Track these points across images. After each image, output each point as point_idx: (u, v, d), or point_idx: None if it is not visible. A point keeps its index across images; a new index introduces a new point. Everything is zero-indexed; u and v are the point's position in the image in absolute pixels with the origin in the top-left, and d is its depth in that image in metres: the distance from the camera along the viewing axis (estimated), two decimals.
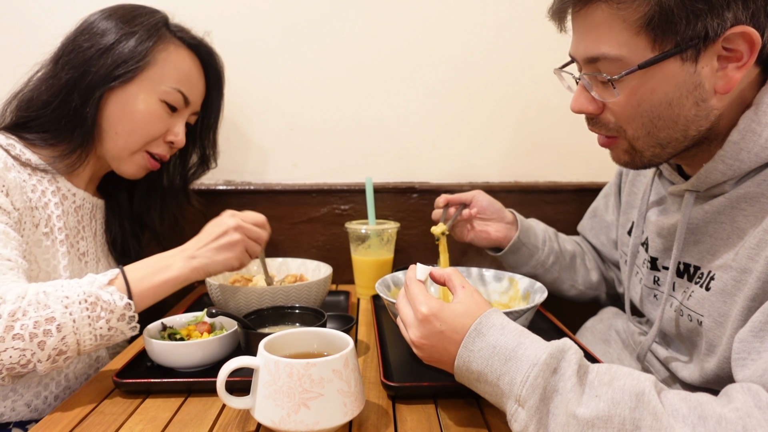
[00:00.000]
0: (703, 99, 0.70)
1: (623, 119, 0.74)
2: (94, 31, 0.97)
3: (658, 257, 0.90)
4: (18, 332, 0.72)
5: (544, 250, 1.14)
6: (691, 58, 0.67)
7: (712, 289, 0.75)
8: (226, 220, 0.92)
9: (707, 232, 0.78)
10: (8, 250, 0.82)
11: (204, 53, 1.07)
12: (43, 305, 0.74)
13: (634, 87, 0.71)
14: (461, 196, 1.11)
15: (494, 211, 1.12)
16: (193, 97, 1.05)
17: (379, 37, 1.34)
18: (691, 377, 0.82)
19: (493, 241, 1.12)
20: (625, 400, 0.55)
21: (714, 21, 0.64)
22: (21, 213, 0.89)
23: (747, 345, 0.63)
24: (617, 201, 1.11)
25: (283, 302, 0.99)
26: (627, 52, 0.69)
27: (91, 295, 0.77)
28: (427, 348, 0.69)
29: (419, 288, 0.72)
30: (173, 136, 1.03)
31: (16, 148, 0.93)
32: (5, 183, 0.87)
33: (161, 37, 0.99)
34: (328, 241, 1.39)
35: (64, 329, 0.74)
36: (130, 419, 0.72)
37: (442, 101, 1.37)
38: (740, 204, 0.73)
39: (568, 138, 1.38)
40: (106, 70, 0.95)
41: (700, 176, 0.76)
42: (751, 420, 0.53)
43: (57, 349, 0.75)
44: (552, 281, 1.16)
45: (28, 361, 0.73)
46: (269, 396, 0.64)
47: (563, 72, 0.82)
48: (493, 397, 0.64)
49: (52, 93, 0.95)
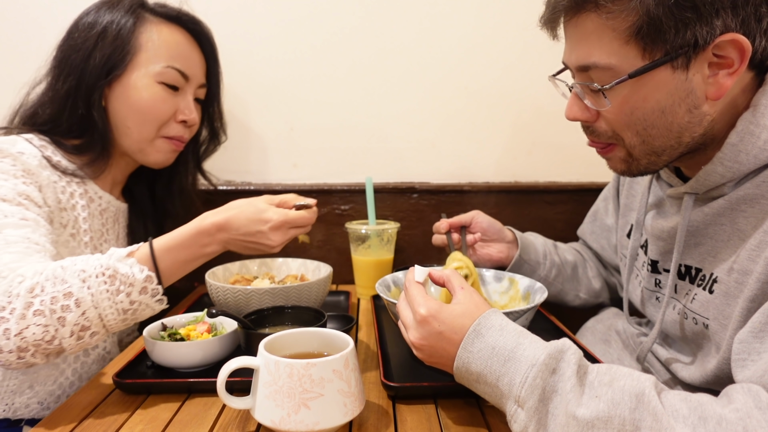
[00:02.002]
0: (696, 106, 0.70)
1: (617, 127, 0.74)
2: (76, 37, 0.97)
3: (659, 260, 0.90)
4: (38, 308, 0.71)
5: (546, 265, 1.14)
6: (681, 66, 0.67)
7: (716, 291, 0.75)
8: (270, 215, 0.83)
9: (707, 234, 0.78)
10: (37, 235, 0.81)
11: (188, 23, 1.04)
12: (60, 280, 0.72)
13: (625, 96, 0.71)
14: (461, 218, 1.11)
15: (495, 231, 1.12)
16: (192, 71, 1.03)
17: (380, 37, 1.34)
18: (691, 378, 0.82)
19: (495, 262, 1.12)
20: (625, 401, 0.55)
21: (703, 29, 0.64)
22: (52, 211, 0.91)
23: (747, 346, 0.63)
24: (616, 204, 1.11)
25: (283, 302, 0.98)
26: (617, 61, 0.69)
27: (109, 267, 0.74)
28: (426, 349, 0.69)
29: (418, 290, 0.72)
30: (183, 114, 1.02)
31: (48, 149, 0.95)
32: (39, 180, 0.89)
33: (139, 19, 0.98)
34: (328, 241, 1.39)
35: (83, 304, 0.72)
36: (130, 419, 0.72)
37: (443, 101, 1.37)
38: (740, 206, 0.73)
39: (567, 138, 1.38)
40: (97, 70, 0.95)
41: (699, 179, 0.76)
42: (751, 421, 0.53)
43: (79, 325, 0.73)
44: (556, 294, 1.16)
45: (52, 337, 0.72)
46: (269, 396, 0.64)
47: (557, 79, 0.82)
48: (493, 397, 0.64)
49: (56, 106, 0.96)
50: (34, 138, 0.94)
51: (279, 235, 0.84)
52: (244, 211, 0.83)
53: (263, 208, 0.83)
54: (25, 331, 0.70)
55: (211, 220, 0.81)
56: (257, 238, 0.83)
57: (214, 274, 1.10)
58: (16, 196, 0.84)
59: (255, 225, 0.82)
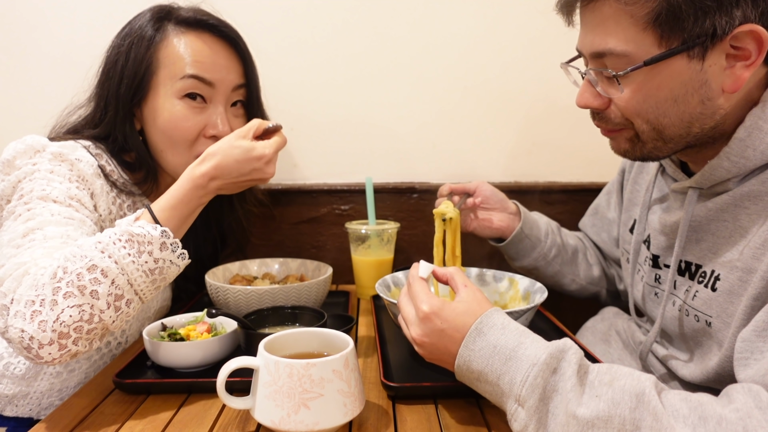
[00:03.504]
0: (709, 97, 0.69)
1: (629, 114, 0.74)
2: (108, 65, 0.98)
3: (660, 255, 0.90)
4: (67, 290, 0.69)
5: (547, 243, 1.13)
6: (698, 55, 0.67)
7: (719, 289, 0.75)
8: (261, 152, 0.83)
9: (709, 230, 0.78)
10: (78, 233, 0.81)
11: (211, 26, 0.99)
12: (80, 256, 0.71)
13: (639, 83, 0.70)
14: (465, 185, 1.11)
15: (497, 201, 1.12)
16: (217, 75, 0.97)
17: (380, 37, 1.34)
18: (691, 375, 0.82)
19: (495, 230, 1.12)
20: (625, 401, 0.55)
21: (722, 18, 0.64)
22: (103, 220, 0.92)
23: (750, 344, 0.63)
24: (619, 198, 1.11)
25: (283, 302, 0.99)
26: (633, 48, 0.68)
27: (124, 233, 0.74)
28: (428, 346, 0.69)
29: (421, 286, 0.72)
30: (212, 129, 0.97)
31: (103, 158, 0.95)
32: (92, 187, 0.90)
33: (159, 32, 0.96)
34: (328, 241, 1.39)
35: (109, 273, 0.71)
36: (130, 419, 0.72)
37: (443, 101, 1.37)
38: (744, 202, 0.73)
39: (568, 138, 1.38)
40: (126, 95, 0.96)
41: (704, 173, 0.75)
42: (751, 421, 0.53)
43: (112, 295, 0.72)
44: (553, 274, 1.16)
45: (91, 315, 0.70)
46: (269, 396, 0.64)
47: (569, 67, 0.82)
48: (494, 396, 0.64)
49: (100, 131, 0.97)
50: (92, 146, 0.95)
51: (272, 166, 0.86)
52: (230, 153, 0.82)
53: (249, 146, 0.83)
54: (62, 316, 0.68)
55: (201, 171, 0.81)
56: (253, 176, 0.84)
57: (214, 274, 1.10)
58: (66, 198, 0.85)
59: (249, 164, 0.83)
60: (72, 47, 1.31)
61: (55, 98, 1.06)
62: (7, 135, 1.00)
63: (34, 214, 0.81)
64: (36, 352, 0.68)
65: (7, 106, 1.34)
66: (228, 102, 1.01)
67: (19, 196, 0.84)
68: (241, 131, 0.85)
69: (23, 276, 0.71)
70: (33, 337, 0.68)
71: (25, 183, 0.85)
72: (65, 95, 1.05)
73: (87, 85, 1.02)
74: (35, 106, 1.30)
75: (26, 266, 0.72)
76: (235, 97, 1.02)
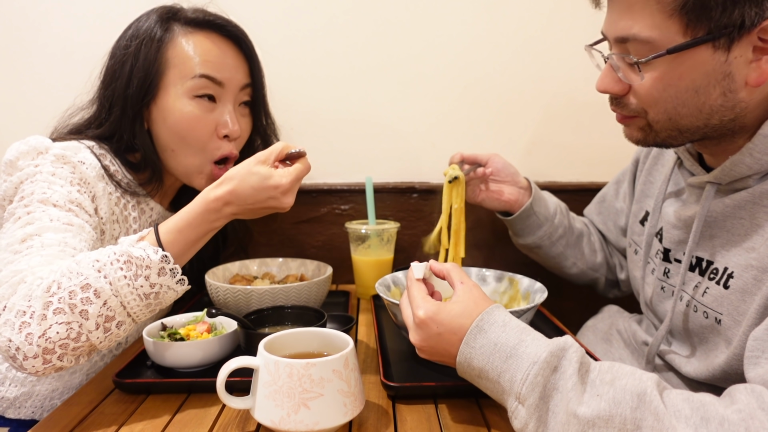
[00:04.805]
0: (732, 90, 0.68)
1: (647, 102, 0.73)
2: (114, 66, 0.97)
3: (672, 249, 0.89)
4: (58, 306, 0.68)
5: (554, 223, 1.13)
6: (723, 46, 0.66)
7: (732, 287, 0.74)
8: (277, 181, 0.79)
9: (724, 227, 0.77)
10: (76, 240, 0.81)
11: (218, 26, 0.99)
12: (75, 273, 0.70)
13: (661, 71, 0.69)
14: (478, 155, 1.10)
15: (509, 174, 1.11)
16: (226, 75, 0.97)
17: (379, 37, 1.34)
18: (695, 372, 0.81)
19: (504, 203, 1.11)
20: (626, 400, 0.55)
21: (752, 9, 0.63)
22: (104, 222, 0.91)
23: (762, 343, 0.63)
24: (630, 189, 1.10)
25: (283, 302, 0.98)
26: (658, 35, 0.67)
27: (123, 254, 0.72)
28: (427, 350, 0.69)
29: (417, 289, 0.72)
30: (224, 128, 0.97)
31: (107, 158, 0.95)
32: (94, 190, 0.90)
33: (167, 32, 0.96)
34: (328, 241, 1.39)
35: (102, 294, 0.70)
36: (130, 419, 0.72)
37: (443, 101, 1.37)
38: (763, 200, 0.72)
39: (568, 138, 1.38)
40: (136, 96, 0.94)
41: (724, 168, 0.74)
42: (754, 422, 0.53)
43: (103, 316, 0.70)
44: (555, 255, 1.15)
45: (78, 333, 0.69)
46: (269, 396, 0.63)
47: (593, 50, 0.81)
48: (495, 393, 0.64)
49: (105, 131, 0.96)
50: (95, 146, 0.94)
51: (290, 196, 0.81)
52: (247, 180, 0.79)
53: (266, 174, 0.79)
54: (49, 331, 0.68)
55: (215, 195, 0.78)
56: (268, 204, 0.80)
57: (214, 274, 1.10)
58: (67, 202, 0.84)
59: (264, 192, 0.79)
60: (75, 47, 1.31)
61: (58, 99, 1.05)
62: (10, 135, 1.00)
63: (34, 218, 0.80)
64: (20, 363, 0.68)
65: (11, 106, 1.34)
66: (236, 102, 1.01)
67: (20, 198, 0.84)
68: (261, 155, 0.81)
69: (19, 284, 0.71)
70: (19, 348, 0.68)
71: (27, 185, 0.85)
72: (68, 95, 1.05)
73: (90, 87, 1.02)
74: (38, 106, 1.29)
75: (23, 274, 0.72)
76: (242, 97, 1.02)
